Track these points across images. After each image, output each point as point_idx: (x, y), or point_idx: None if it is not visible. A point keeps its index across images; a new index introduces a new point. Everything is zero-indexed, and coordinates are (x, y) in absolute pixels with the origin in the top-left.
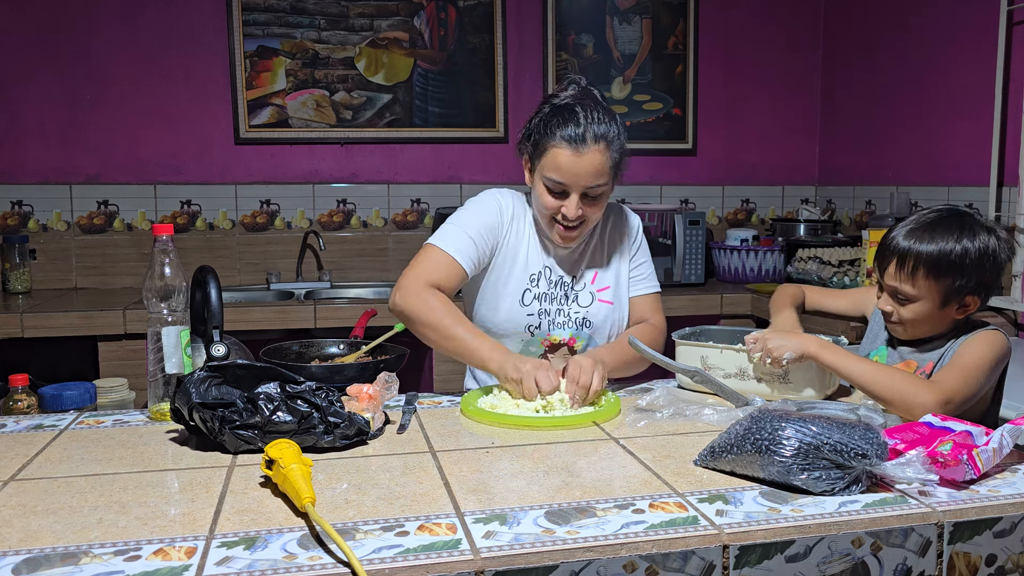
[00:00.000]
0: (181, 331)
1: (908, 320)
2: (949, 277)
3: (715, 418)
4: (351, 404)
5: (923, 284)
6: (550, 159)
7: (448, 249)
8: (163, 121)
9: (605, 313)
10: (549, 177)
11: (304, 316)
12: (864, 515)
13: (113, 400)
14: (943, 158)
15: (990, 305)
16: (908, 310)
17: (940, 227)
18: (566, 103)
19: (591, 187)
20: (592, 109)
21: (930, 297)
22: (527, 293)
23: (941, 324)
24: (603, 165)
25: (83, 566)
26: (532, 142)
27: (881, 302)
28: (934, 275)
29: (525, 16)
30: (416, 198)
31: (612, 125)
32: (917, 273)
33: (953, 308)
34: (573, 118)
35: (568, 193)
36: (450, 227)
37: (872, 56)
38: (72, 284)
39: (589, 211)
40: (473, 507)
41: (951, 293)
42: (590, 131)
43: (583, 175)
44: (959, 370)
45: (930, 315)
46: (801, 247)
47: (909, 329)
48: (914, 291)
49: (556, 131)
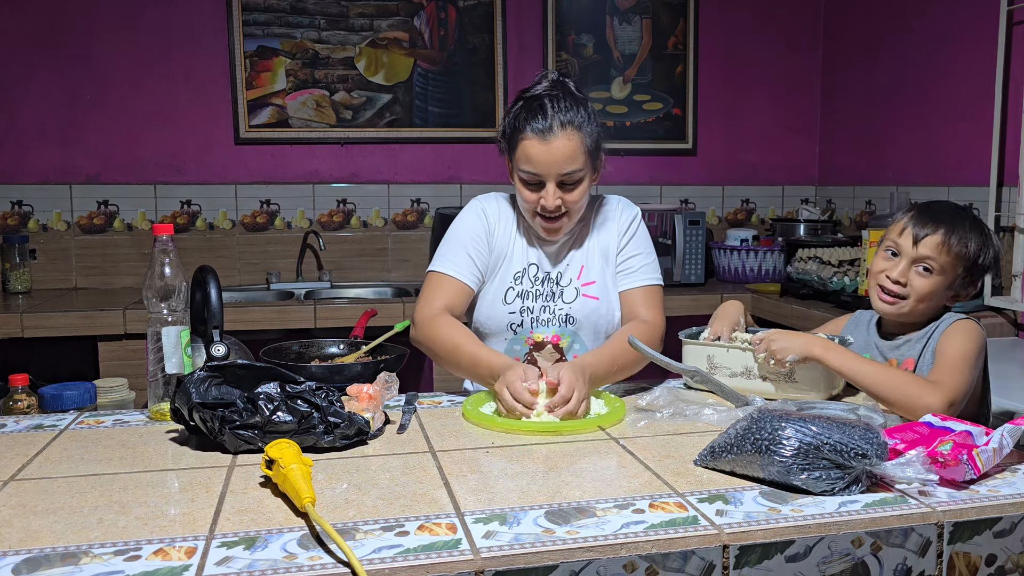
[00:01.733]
0: (181, 331)
1: (919, 292)
2: (971, 263)
3: (715, 418)
4: (351, 404)
5: (951, 262)
6: (521, 152)
7: (447, 271)
8: (163, 121)
9: (590, 309)
10: (523, 170)
11: (304, 316)
12: (864, 515)
13: (113, 400)
14: (943, 158)
15: (990, 305)
16: (927, 282)
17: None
18: (535, 95)
19: (565, 174)
20: (559, 99)
21: (950, 276)
22: (510, 291)
23: (932, 309)
24: (574, 151)
25: (83, 566)
26: (506, 138)
27: (895, 272)
28: (964, 259)
29: (525, 16)
30: (416, 198)
31: (580, 111)
32: (953, 250)
33: (950, 294)
34: (540, 109)
35: (543, 184)
36: (444, 247)
37: (872, 56)
38: (72, 284)
39: (568, 199)
40: (473, 507)
41: (963, 278)
42: (556, 119)
43: (554, 162)
44: (952, 367)
45: (936, 293)
46: (801, 247)
47: (912, 305)
48: (945, 264)
49: (525, 124)
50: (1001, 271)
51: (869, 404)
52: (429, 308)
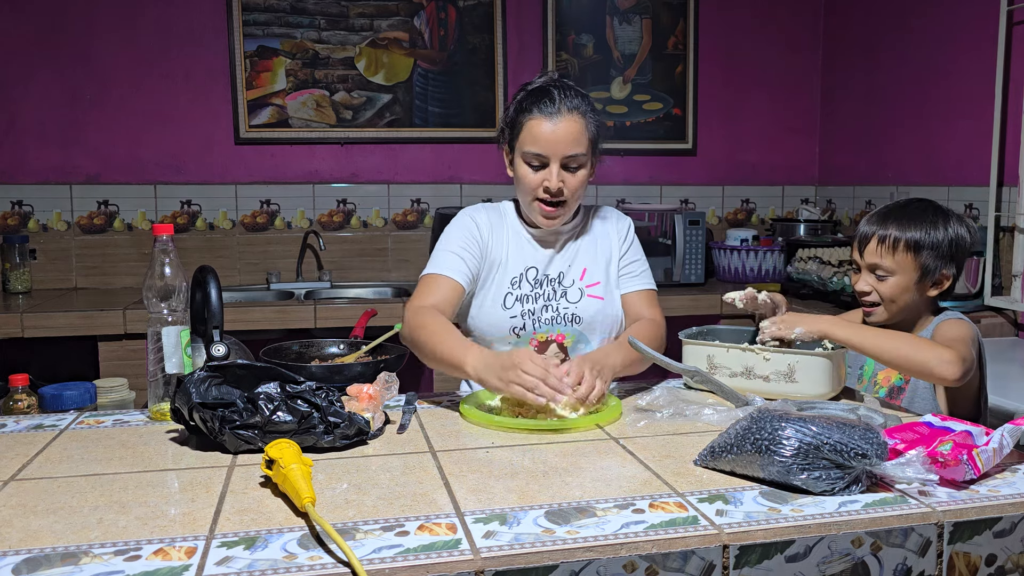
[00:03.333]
0: (181, 331)
1: (887, 296)
2: (925, 250)
3: (715, 418)
4: (351, 404)
5: (902, 258)
6: (527, 132)
7: (439, 270)
8: (163, 121)
9: (596, 309)
10: (528, 150)
11: (304, 316)
12: (864, 515)
13: (113, 400)
14: (943, 158)
15: (990, 305)
16: (887, 285)
17: (915, 208)
18: (539, 86)
19: (570, 156)
20: (565, 88)
21: (907, 272)
22: (508, 296)
23: (915, 305)
24: (579, 133)
25: (83, 566)
26: (509, 125)
27: (860, 284)
28: (913, 249)
29: (525, 16)
30: (416, 198)
31: (585, 101)
32: (897, 247)
33: (927, 285)
34: (547, 94)
35: (547, 164)
36: (436, 253)
37: (872, 56)
38: (72, 284)
39: (570, 183)
40: (473, 507)
41: (927, 268)
42: (564, 103)
43: (561, 142)
44: (953, 339)
45: (907, 289)
46: (801, 247)
47: (886, 309)
48: (893, 264)
49: (532, 106)
50: (1001, 271)
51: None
52: (420, 302)
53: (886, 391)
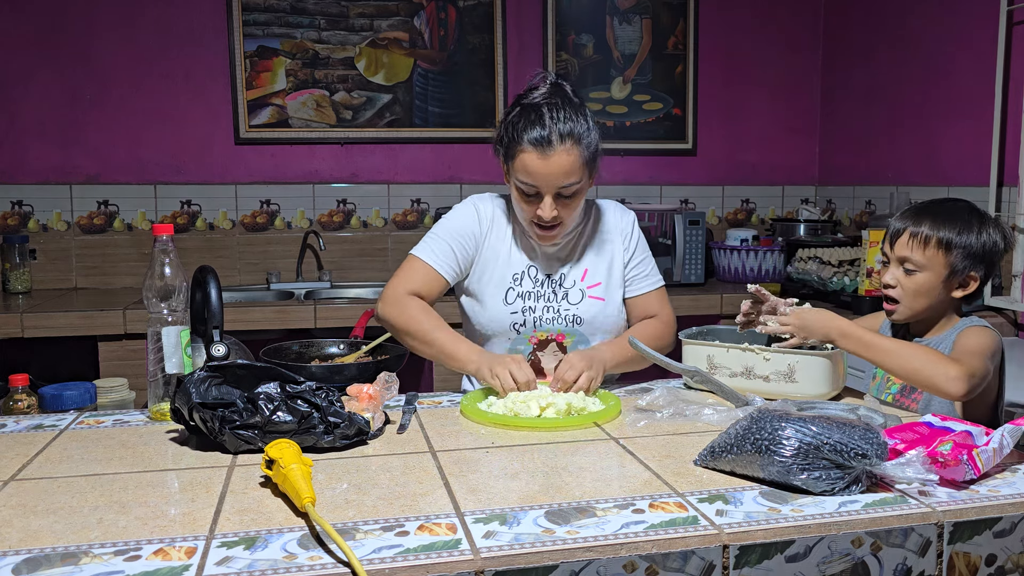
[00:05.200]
0: (181, 331)
1: (911, 291)
2: (956, 250)
3: (715, 418)
4: (351, 404)
5: (932, 254)
6: (519, 163)
7: (427, 258)
8: (163, 121)
9: (596, 310)
10: (520, 180)
11: (304, 316)
12: (864, 515)
13: (113, 400)
14: (943, 158)
15: (990, 305)
16: (913, 281)
17: (951, 207)
18: (534, 102)
19: (563, 187)
20: (559, 108)
21: (936, 269)
22: (510, 292)
23: (939, 304)
24: (572, 164)
25: (83, 566)
26: (504, 144)
27: (886, 277)
28: (944, 247)
29: (525, 16)
30: (416, 198)
31: (580, 121)
32: (929, 243)
33: (954, 285)
34: (539, 120)
35: (541, 195)
36: (430, 236)
37: (872, 56)
38: (72, 284)
39: (565, 211)
40: (473, 507)
41: (956, 267)
42: (555, 131)
43: (553, 176)
44: (970, 352)
45: (932, 288)
46: (801, 247)
47: (908, 305)
48: (923, 259)
49: (523, 135)
50: (1001, 271)
51: (869, 404)
52: (402, 287)
53: (898, 387)
